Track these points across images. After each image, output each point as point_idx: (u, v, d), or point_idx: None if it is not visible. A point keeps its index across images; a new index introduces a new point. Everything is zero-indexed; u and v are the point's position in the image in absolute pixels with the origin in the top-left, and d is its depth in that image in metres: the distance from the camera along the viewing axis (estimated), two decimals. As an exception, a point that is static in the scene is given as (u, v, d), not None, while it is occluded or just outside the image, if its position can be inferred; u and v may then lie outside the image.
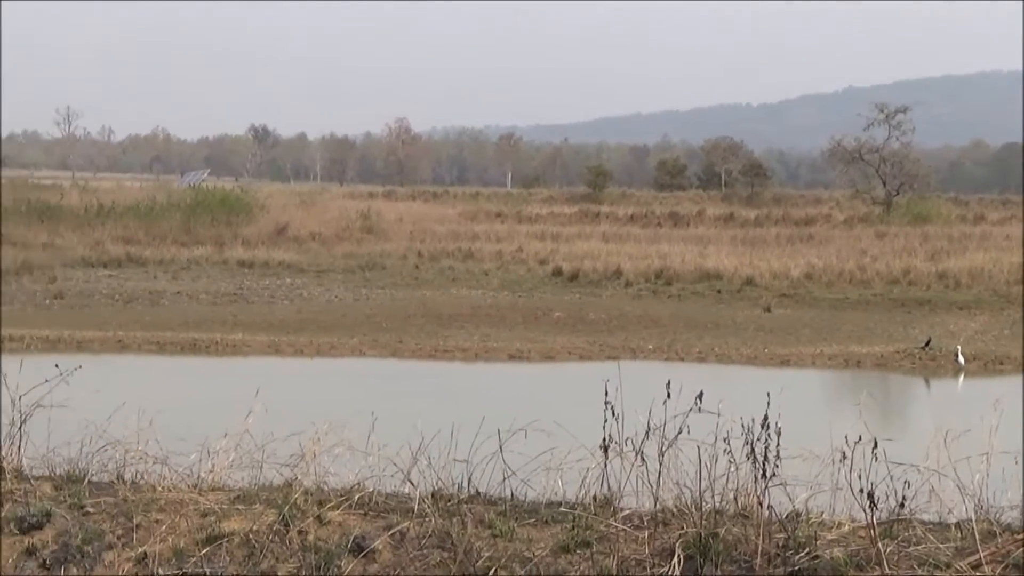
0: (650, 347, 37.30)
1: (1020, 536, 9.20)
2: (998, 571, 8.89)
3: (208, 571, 9.96)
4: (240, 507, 10.48)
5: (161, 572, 10.01)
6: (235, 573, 9.92)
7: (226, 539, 10.14)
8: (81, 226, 71.71)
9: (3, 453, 11.62)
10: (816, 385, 32.81)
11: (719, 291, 51.86)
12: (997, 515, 9.47)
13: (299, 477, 10.83)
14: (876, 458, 9.43)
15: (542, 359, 35.90)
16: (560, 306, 46.74)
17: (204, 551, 10.07)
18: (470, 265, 61.14)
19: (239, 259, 60.92)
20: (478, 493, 10.70)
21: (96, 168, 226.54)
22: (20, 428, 11.79)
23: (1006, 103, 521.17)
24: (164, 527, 10.32)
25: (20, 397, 11.93)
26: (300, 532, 10.12)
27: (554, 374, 33.74)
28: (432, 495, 10.55)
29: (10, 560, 10.27)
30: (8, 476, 11.25)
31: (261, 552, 10.06)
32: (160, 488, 10.87)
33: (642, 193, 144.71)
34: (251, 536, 10.14)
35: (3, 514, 10.58)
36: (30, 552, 10.32)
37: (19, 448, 11.69)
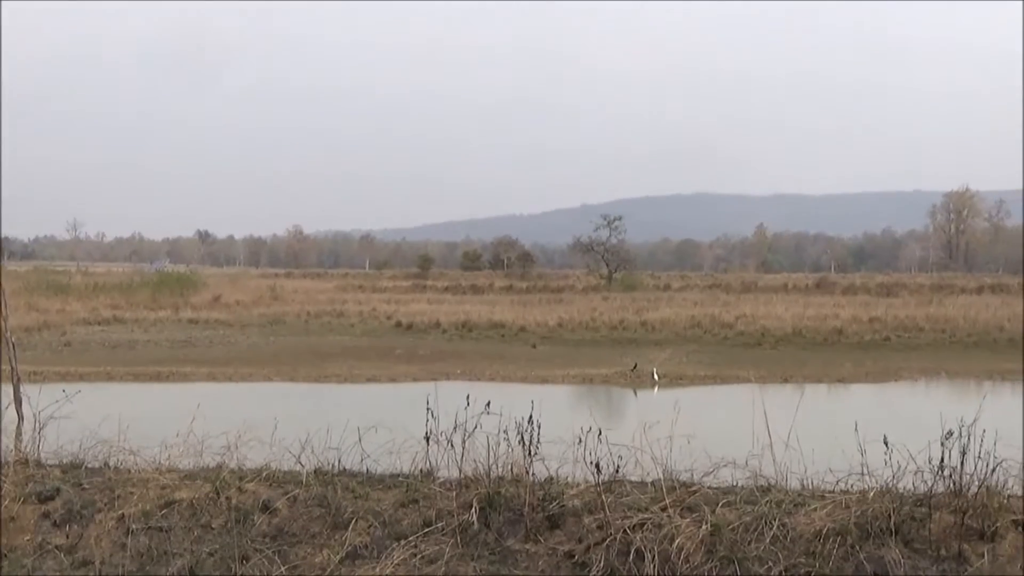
0: (458, 372, 37.27)
1: (691, 488, 9.63)
2: (677, 511, 9.20)
3: (165, 525, 9.90)
4: (187, 482, 10.48)
5: (134, 527, 9.91)
6: (183, 526, 9.89)
7: (178, 503, 10.13)
8: (82, 298, 70.63)
9: (28, 450, 11.51)
10: (565, 395, 33.02)
11: (503, 335, 52.00)
12: (677, 476, 9.76)
13: (226, 461, 10.79)
14: (601, 441, 9.79)
15: (389, 381, 35.72)
16: (400, 346, 46.51)
17: (163, 512, 10.05)
18: (341, 320, 60.53)
19: (189, 318, 59.64)
20: (345, 469, 10.77)
21: (92, 259, 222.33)
22: (39, 432, 11.67)
23: (684, 214, 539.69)
24: (136, 496, 10.27)
25: (39, 412, 11.81)
26: (227, 498, 10.13)
27: (396, 390, 33.52)
28: (315, 471, 10.63)
29: (32, 520, 10.19)
30: (31, 465, 11.11)
31: (201, 511, 10.05)
32: (133, 471, 10.79)
33: (453, 272, 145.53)
34: (194, 501, 10.16)
35: (27, 490, 10.48)
36: (45, 515, 10.27)
37: (38, 446, 11.56)
